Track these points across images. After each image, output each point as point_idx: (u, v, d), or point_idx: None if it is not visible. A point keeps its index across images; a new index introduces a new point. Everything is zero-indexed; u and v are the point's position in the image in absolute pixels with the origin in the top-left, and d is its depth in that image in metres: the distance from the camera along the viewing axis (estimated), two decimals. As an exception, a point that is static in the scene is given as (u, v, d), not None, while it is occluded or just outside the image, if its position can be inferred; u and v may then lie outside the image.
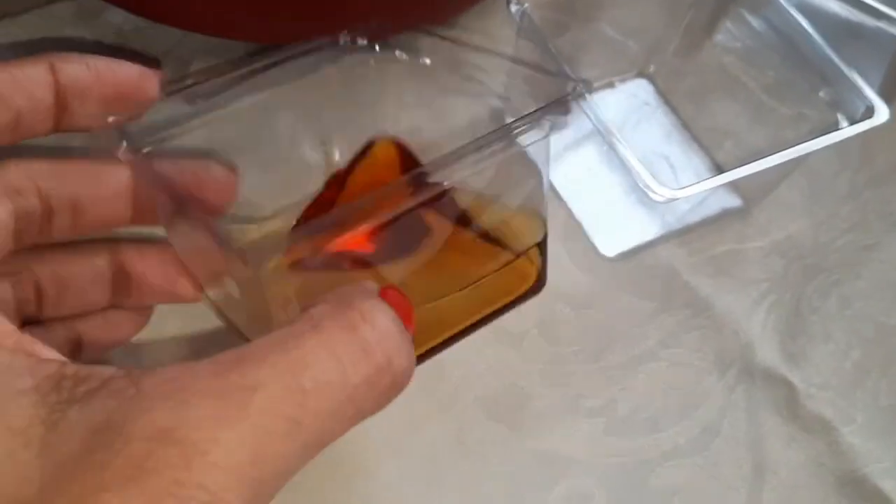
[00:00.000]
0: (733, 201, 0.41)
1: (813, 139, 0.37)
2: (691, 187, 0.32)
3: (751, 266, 0.40)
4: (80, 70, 0.24)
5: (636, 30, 0.45)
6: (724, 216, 0.41)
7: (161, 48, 0.42)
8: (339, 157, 0.37)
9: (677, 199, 0.32)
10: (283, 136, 0.36)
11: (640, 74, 0.45)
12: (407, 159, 0.38)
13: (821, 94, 0.38)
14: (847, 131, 0.36)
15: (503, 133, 0.28)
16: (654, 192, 0.32)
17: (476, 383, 0.35)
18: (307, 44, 0.34)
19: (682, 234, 0.40)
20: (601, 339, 0.37)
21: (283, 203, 0.36)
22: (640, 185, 0.32)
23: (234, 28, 0.41)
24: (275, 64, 0.34)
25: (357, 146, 0.37)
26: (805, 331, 0.38)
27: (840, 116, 0.37)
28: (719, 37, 0.43)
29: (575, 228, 0.39)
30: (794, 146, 0.38)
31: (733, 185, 0.41)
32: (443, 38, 0.37)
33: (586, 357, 0.36)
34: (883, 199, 0.43)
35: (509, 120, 0.32)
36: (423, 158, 0.37)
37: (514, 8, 0.37)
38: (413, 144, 0.37)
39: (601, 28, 0.45)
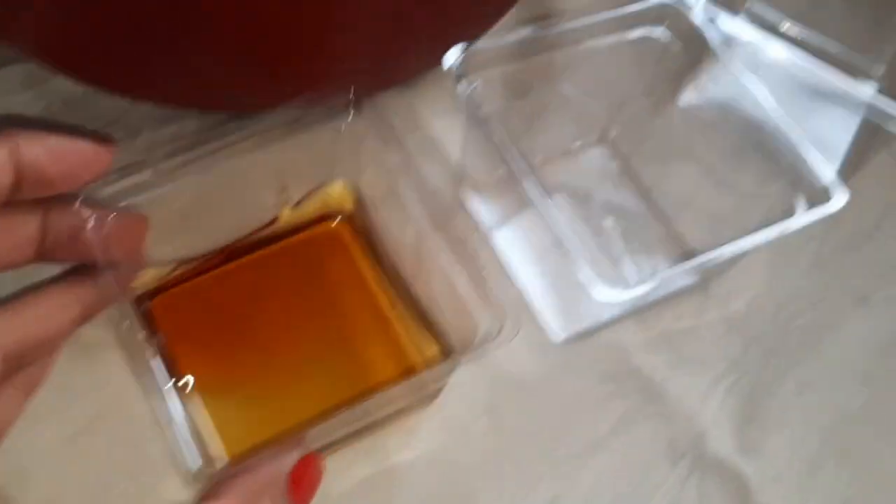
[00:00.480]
0: (691, 277, 0.40)
1: (771, 219, 0.36)
2: (635, 289, 0.31)
3: (708, 346, 0.39)
4: (40, 153, 0.24)
5: (599, 93, 0.44)
6: (682, 292, 0.40)
7: (110, 115, 0.41)
8: (294, 198, 0.38)
9: (619, 300, 0.31)
10: (244, 186, 0.36)
11: (602, 140, 0.44)
12: (359, 202, 0.38)
13: (780, 171, 0.37)
14: (803, 218, 0.35)
15: None
16: (595, 291, 0.31)
17: (422, 474, 0.34)
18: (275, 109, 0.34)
19: (638, 313, 0.39)
20: (552, 427, 0.36)
21: (232, 235, 0.37)
22: (583, 282, 0.31)
23: (183, 98, 0.40)
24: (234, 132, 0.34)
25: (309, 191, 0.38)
26: (760, 417, 0.37)
27: (798, 196, 0.36)
28: (681, 105, 0.42)
29: (526, 308, 0.38)
30: (753, 224, 0.37)
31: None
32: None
33: (537, 448, 0.35)
34: (848, 271, 0.42)
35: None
36: (380, 208, 0.37)
37: (460, 88, 0.36)
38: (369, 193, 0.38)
39: (564, 90, 0.44)
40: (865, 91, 0.40)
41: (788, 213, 0.36)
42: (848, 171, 0.43)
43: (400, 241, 0.37)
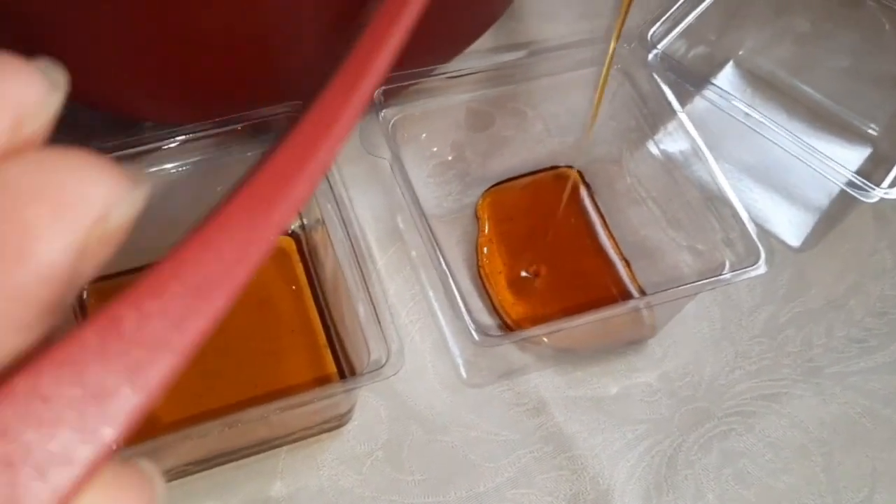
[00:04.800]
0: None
1: (706, 274, 0.35)
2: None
3: (633, 404, 0.37)
4: None
5: (561, 130, 0.43)
6: (617, 346, 0.38)
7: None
8: None
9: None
10: (185, 193, 0.36)
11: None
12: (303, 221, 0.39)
13: (717, 232, 0.35)
14: (720, 279, 0.33)
15: None
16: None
17: (307, 500, 0.34)
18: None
19: (564, 361, 0.37)
20: (448, 469, 0.35)
21: (171, 242, 0.37)
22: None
23: (134, 109, 0.41)
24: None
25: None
26: (674, 486, 0.35)
27: (728, 258, 0.34)
28: (639, 151, 0.40)
29: (444, 344, 0.37)
30: (692, 278, 0.36)
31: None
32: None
33: (427, 488, 0.34)
34: (805, 341, 0.39)
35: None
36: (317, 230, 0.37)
37: (381, 119, 0.35)
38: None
39: (528, 123, 0.43)
40: (840, 167, 0.37)
41: (720, 270, 0.34)
42: (815, 238, 0.41)
43: (325, 264, 0.37)
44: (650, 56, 0.39)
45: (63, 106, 0.12)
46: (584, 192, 0.42)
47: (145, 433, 0.33)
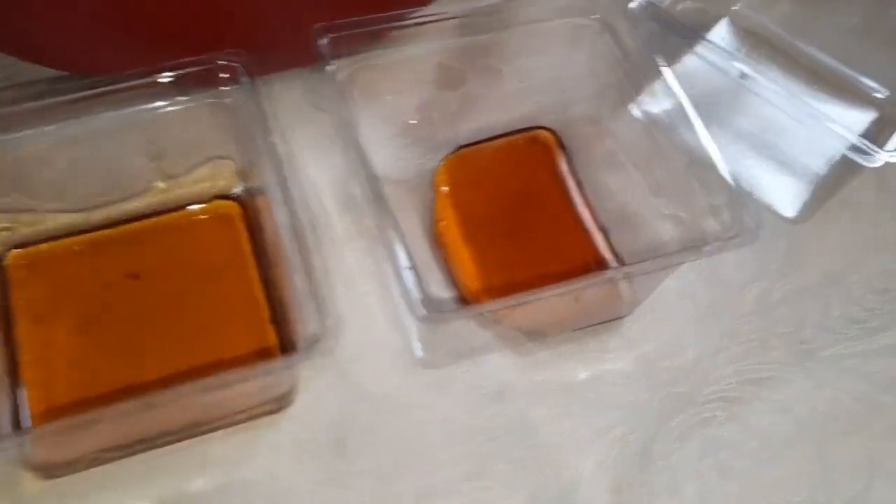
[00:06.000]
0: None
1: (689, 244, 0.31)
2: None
3: (605, 388, 0.33)
4: None
5: (539, 88, 0.39)
6: (589, 326, 0.35)
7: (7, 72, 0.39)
8: (172, 170, 0.36)
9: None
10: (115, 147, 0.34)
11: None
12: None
13: (702, 199, 0.32)
14: (704, 250, 0.29)
15: None
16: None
17: (238, 493, 0.30)
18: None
19: (530, 340, 0.34)
20: (398, 458, 0.31)
21: (100, 200, 0.35)
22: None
23: (72, 64, 0.38)
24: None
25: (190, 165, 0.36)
26: (648, 479, 0.31)
27: (714, 228, 0.31)
28: (620, 113, 0.37)
29: (398, 321, 0.34)
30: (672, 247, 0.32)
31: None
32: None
33: (374, 479, 0.31)
34: (798, 320, 0.36)
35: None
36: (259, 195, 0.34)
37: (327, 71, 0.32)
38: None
39: (502, 81, 0.40)
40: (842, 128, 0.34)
41: (704, 239, 0.31)
42: (812, 208, 0.38)
43: (267, 230, 0.34)
44: (633, 4, 0.35)
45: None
46: (559, 154, 0.38)
47: (53, 413, 0.30)
